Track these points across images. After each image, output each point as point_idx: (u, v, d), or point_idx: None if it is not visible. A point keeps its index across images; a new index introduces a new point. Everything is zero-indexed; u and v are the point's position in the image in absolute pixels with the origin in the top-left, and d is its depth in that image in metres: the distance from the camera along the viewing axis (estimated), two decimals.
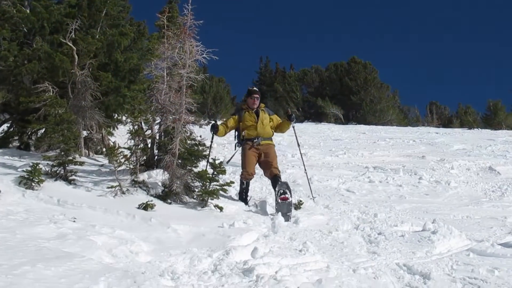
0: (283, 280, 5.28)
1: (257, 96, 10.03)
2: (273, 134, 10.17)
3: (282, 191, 9.08)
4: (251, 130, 9.85)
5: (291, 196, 9.13)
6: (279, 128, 10.25)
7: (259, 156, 9.91)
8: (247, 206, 9.58)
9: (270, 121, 10.04)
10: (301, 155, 11.52)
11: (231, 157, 11.09)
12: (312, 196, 10.61)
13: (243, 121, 9.92)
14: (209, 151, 9.84)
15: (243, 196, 9.95)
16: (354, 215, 9.55)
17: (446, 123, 50.33)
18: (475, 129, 38.53)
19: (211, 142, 10.16)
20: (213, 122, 10.08)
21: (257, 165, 10.13)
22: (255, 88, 10.40)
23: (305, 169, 11.10)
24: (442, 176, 14.28)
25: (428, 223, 8.39)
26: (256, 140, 9.81)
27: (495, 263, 6.42)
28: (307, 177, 10.91)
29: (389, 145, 21.91)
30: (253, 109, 9.95)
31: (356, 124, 40.77)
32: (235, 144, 10.38)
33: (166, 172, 9.10)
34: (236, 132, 10.27)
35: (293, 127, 10.38)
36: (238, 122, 10.02)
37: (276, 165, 9.96)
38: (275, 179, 9.70)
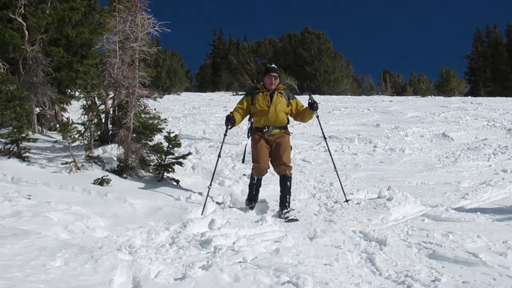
0: (240, 250, 5.32)
1: (276, 74, 8.25)
2: (288, 122, 8.38)
3: (287, 216, 7.53)
4: (261, 117, 8.10)
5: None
6: (300, 117, 8.43)
7: (270, 147, 8.12)
8: (250, 209, 7.97)
9: (288, 106, 8.26)
10: (329, 150, 9.15)
11: (244, 155, 8.67)
12: (346, 199, 8.33)
13: (254, 104, 8.16)
14: (221, 147, 8.65)
15: (252, 191, 8.18)
16: (310, 185, 9.67)
17: (400, 91, 51.13)
18: (428, 96, 39.18)
19: (225, 135, 8.45)
20: (228, 114, 8.17)
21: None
22: (273, 65, 8.56)
23: (335, 167, 8.68)
24: (396, 144, 14.51)
25: (383, 190, 8.54)
26: (267, 130, 8.06)
27: (450, 227, 6.59)
28: (338, 176, 8.72)
29: (343, 115, 22.19)
30: (269, 90, 8.17)
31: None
32: (248, 130, 8.50)
33: (121, 147, 9.02)
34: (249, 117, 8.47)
35: (317, 117, 8.48)
36: (250, 104, 8.24)
37: (287, 161, 8.09)
38: (283, 180, 8.07)
